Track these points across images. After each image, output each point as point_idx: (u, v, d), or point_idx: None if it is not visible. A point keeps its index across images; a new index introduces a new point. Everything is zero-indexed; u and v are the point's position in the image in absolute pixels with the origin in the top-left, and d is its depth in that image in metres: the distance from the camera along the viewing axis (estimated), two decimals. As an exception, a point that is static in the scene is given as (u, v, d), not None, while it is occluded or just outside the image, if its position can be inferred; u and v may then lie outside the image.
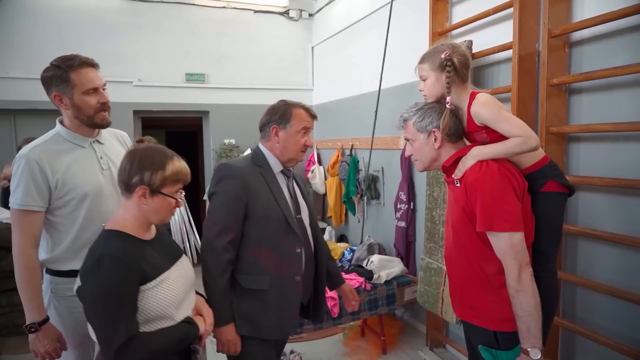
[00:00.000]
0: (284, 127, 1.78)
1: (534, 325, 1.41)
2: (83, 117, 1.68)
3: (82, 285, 1.28)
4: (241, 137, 5.39)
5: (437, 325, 3.31)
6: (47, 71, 1.67)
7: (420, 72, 1.63)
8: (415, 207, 3.66)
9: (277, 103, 1.85)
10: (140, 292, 1.28)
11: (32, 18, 4.75)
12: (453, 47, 1.57)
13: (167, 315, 1.35)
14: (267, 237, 1.74)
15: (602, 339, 2.07)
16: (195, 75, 5.37)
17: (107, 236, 1.34)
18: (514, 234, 1.42)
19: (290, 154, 1.82)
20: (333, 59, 5.36)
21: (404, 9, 3.73)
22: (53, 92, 1.66)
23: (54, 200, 1.65)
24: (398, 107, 3.84)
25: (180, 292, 1.39)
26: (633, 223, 2.02)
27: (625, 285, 2.04)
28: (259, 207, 1.72)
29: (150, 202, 1.35)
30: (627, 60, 2.01)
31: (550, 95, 2.29)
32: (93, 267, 1.26)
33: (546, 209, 1.58)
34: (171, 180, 1.36)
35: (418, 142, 1.61)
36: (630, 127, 1.98)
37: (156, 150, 1.38)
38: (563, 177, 1.61)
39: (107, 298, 1.23)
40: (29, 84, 4.75)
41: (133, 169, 1.33)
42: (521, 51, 2.41)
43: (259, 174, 1.78)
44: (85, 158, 1.72)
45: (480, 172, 1.47)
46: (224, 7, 5.44)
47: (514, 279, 1.42)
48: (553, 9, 2.26)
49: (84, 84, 1.65)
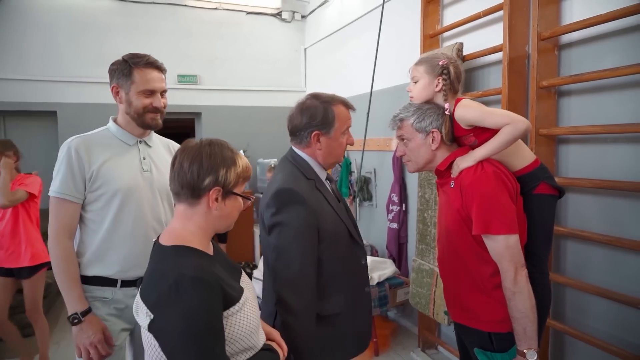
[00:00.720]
0: (326, 133, 1.55)
1: (530, 327, 1.41)
2: (133, 114, 1.68)
3: (157, 317, 1.03)
4: (233, 139, 5.27)
5: (429, 326, 3.31)
6: (115, 64, 1.69)
7: (413, 73, 1.64)
8: (407, 209, 3.67)
9: (311, 101, 1.57)
10: (224, 318, 1.06)
11: (23, 19, 4.71)
12: (451, 58, 1.61)
13: (252, 345, 1.15)
14: (339, 256, 1.54)
15: (592, 340, 2.09)
16: (188, 77, 5.35)
17: (176, 253, 1.09)
18: (510, 237, 1.43)
19: (334, 158, 1.63)
20: (326, 61, 5.37)
21: (396, 11, 3.75)
22: (113, 84, 1.68)
23: (87, 192, 1.63)
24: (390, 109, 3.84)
25: (258, 315, 1.20)
26: (621, 224, 2.04)
27: (614, 286, 2.06)
28: (329, 227, 1.51)
29: (222, 206, 1.14)
30: (615, 62, 2.03)
31: (540, 97, 2.30)
32: (170, 293, 1.00)
33: (539, 210, 1.59)
34: (243, 178, 1.18)
35: (415, 142, 1.61)
36: (618, 129, 2.00)
37: (219, 145, 1.16)
38: (553, 179, 1.63)
39: (196, 329, 0.99)
40: (20, 85, 4.73)
41: (203, 169, 1.10)
42: (511, 53, 2.42)
43: (315, 189, 1.54)
44: (126, 155, 1.70)
45: (475, 174, 1.47)
46: (216, 8, 5.43)
47: (511, 281, 1.43)
48: (542, 12, 2.28)
49: (142, 83, 1.66)
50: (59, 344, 3.55)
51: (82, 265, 1.65)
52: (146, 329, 1.07)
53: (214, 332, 1.01)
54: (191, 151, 1.13)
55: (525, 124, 1.47)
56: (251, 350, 1.16)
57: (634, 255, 1.99)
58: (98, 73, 4.81)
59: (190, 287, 1.00)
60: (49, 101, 4.84)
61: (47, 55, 4.82)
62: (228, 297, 1.08)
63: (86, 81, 4.90)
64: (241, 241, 5.08)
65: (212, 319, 1.02)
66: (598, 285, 2.11)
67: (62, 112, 4.87)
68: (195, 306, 0.99)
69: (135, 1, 5.08)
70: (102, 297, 1.66)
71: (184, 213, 1.15)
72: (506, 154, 1.57)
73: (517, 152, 1.60)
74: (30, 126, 5.14)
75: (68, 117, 4.83)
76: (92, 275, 1.65)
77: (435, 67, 1.57)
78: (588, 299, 2.19)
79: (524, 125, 1.47)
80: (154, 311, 1.03)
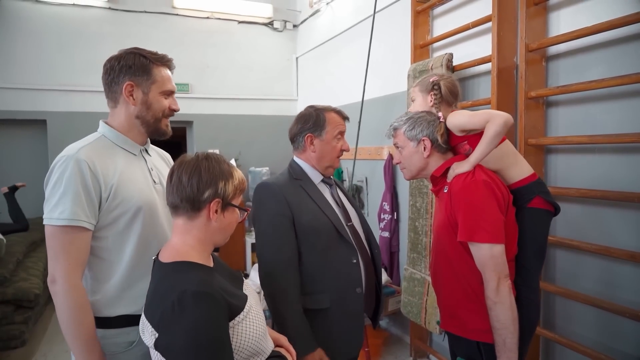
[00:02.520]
0: (318, 135, 1.69)
1: (510, 339, 1.41)
2: (150, 118, 1.43)
3: (162, 335, 1.03)
4: (225, 147, 5.36)
5: (420, 335, 3.31)
6: (125, 59, 1.41)
7: (412, 95, 1.79)
8: (398, 218, 3.68)
9: (306, 110, 1.75)
10: (230, 328, 1.08)
11: (13, 27, 4.69)
12: (442, 76, 1.73)
13: (261, 350, 1.17)
14: (319, 252, 1.62)
15: (582, 348, 2.10)
16: (179, 85, 5.34)
17: (176, 270, 1.10)
18: (494, 246, 1.43)
19: (328, 162, 1.73)
20: (317, 70, 5.39)
21: (387, 21, 3.79)
22: (126, 82, 1.39)
23: (102, 214, 1.32)
24: (381, 118, 3.90)
25: (264, 320, 1.23)
26: (609, 234, 2.07)
27: (604, 294, 2.08)
28: (306, 221, 1.61)
29: (221, 217, 1.16)
30: (601, 74, 2.07)
31: (528, 108, 2.33)
32: (174, 310, 1.00)
33: (532, 224, 1.61)
34: (239, 190, 1.20)
35: (407, 150, 1.64)
36: (604, 140, 2.03)
37: (215, 159, 1.18)
38: (549, 194, 1.64)
39: (202, 344, 0.99)
40: (8, 93, 4.69)
41: (203, 182, 1.12)
42: (500, 64, 2.46)
43: (299, 187, 1.68)
44: (136, 167, 1.43)
45: (465, 182, 1.48)
46: (208, 17, 5.45)
47: (492, 291, 1.43)
48: (530, 23, 2.31)
49: (165, 83, 1.45)
50: (46, 355, 3.49)
51: (99, 306, 1.33)
52: (153, 348, 1.07)
53: (220, 345, 1.02)
54: (189, 165, 1.15)
55: (504, 117, 1.48)
56: (260, 356, 1.18)
57: (622, 264, 2.01)
58: (88, 81, 4.79)
59: (193, 303, 1.00)
60: (38, 110, 4.80)
61: (37, 64, 4.78)
62: (232, 307, 1.09)
63: (76, 89, 4.87)
64: (233, 250, 5.06)
65: (217, 331, 1.02)
66: (588, 294, 2.13)
67: (51, 121, 4.83)
68: (199, 321, 1.00)
69: (126, 10, 5.08)
70: (126, 342, 1.35)
71: (182, 227, 1.16)
72: (504, 166, 1.60)
73: (515, 164, 1.63)
74: (19, 135, 5.09)
75: (58, 126, 4.79)
76: (115, 316, 1.34)
77: (427, 85, 1.71)
78: (578, 307, 2.21)
79: (502, 118, 1.48)
80: (159, 329, 1.04)
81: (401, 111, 1.86)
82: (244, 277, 1.64)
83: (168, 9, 5.26)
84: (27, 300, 3.49)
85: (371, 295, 1.78)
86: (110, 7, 5.01)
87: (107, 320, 1.33)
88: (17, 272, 3.77)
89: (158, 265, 1.16)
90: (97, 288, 1.35)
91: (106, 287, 1.35)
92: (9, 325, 3.42)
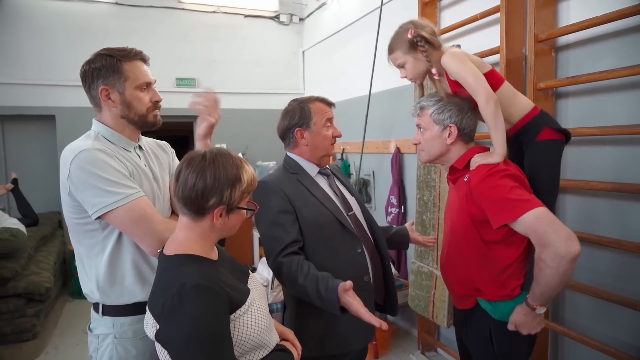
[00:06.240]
0: (307, 127, 1.67)
1: (548, 294, 1.37)
2: (133, 116, 1.42)
3: (162, 327, 1.05)
4: (232, 142, 5.37)
5: (428, 329, 3.31)
6: (93, 62, 1.40)
7: (395, 62, 1.64)
8: (406, 211, 3.67)
9: (289, 105, 1.73)
10: (231, 321, 1.09)
11: (20, 23, 4.72)
12: (413, 23, 1.58)
13: (264, 343, 1.17)
14: (323, 244, 1.61)
15: (590, 342, 2.09)
16: (186, 80, 5.35)
17: (179, 263, 1.11)
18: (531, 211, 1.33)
19: (322, 152, 1.71)
20: (324, 63, 5.37)
21: (394, 13, 3.75)
22: (100, 86, 1.38)
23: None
24: (388, 111, 3.89)
25: (267, 313, 1.23)
26: (620, 226, 2.04)
27: (613, 287, 2.06)
28: (307, 215, 1.60)
29: (226, 220, 1.15)
30: (611, 64, 2.04)
31: (537, 99, 2.30)
32: (173, 302, 1.02)
33: (543, 157, 1.54)
34: (247, 192, 1.17)
35: (430, 133, 1.58)
36: (615, 131, 2.01)
37: (223, 162, 1.13)
38: (556, 123, 1.58)
39: (201, 336, 0.99)
40: (17, 89, 4.73)
41: (207, 189, 1.09)
42: (508, 55, 2.43)
43: (296, 181, 1.66)
44: (136, 163, 1.45)
45: (486, 173, 1.43)
46: (214, 11, 5.44)
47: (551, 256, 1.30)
48: (539, 14, 2.28)
49: (138, 77, 1.40)
50: (58, 347, 3.53)
51: (122, 294, 1.38)
52: (154, 339, 1.09)
53: (219, 338, 1.03)
54: (196, 167, 1.12)
55: (488, 98, 1.44)
56: (263, 348, 1.18)
57: (633, 256, 1.99)
58: (96, 77, 4.81)
59: (193, 295, 1.01)
60: (47, 105, 4.84)
61: (44, 60, 4.82)
62: (233, 300, 1.09)
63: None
64: (240, 244, 5.09)
65: (216, 324, 1.03)
66: (596, 287, 2.11)
67: (60, 116, 4.87)
68: (198, 313, 1.00)
69: (132, 5, 5.08)
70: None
71: (187, 224, 1.16)
72: (503, 105, 1.51)
73: (514, 102, 1.57)
74: (29, 130, 5.14)
75: (66, 121, 4.83)
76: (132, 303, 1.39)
77: (408, 42, 1.57)
78: (587, 300, 2.19)
79: (488, 101, 1.44)
80: (159, 321, 1.06)
81: (409, 104, 1.83)
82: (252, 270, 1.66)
83: (174, 3, 5.26)
84: (39, 294, 3.55)
85: (379, 283, 1.77)
86: (117, 2, 5.02)
87: (126, 307, 1.38)
88: (28, 266, 3.83)
89: (162, 258, 1.17)
90: (117, 275, 1.38)
91: (126, 272, 1.38)
92: (20, 318, 3.47)
